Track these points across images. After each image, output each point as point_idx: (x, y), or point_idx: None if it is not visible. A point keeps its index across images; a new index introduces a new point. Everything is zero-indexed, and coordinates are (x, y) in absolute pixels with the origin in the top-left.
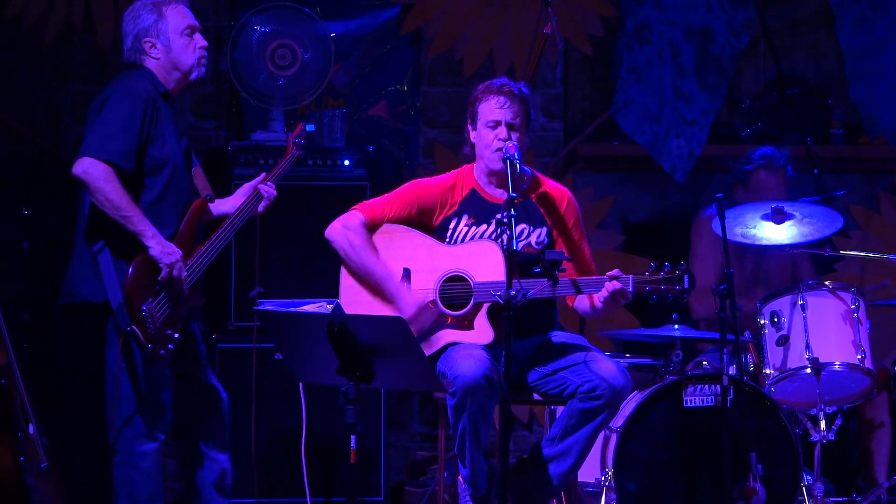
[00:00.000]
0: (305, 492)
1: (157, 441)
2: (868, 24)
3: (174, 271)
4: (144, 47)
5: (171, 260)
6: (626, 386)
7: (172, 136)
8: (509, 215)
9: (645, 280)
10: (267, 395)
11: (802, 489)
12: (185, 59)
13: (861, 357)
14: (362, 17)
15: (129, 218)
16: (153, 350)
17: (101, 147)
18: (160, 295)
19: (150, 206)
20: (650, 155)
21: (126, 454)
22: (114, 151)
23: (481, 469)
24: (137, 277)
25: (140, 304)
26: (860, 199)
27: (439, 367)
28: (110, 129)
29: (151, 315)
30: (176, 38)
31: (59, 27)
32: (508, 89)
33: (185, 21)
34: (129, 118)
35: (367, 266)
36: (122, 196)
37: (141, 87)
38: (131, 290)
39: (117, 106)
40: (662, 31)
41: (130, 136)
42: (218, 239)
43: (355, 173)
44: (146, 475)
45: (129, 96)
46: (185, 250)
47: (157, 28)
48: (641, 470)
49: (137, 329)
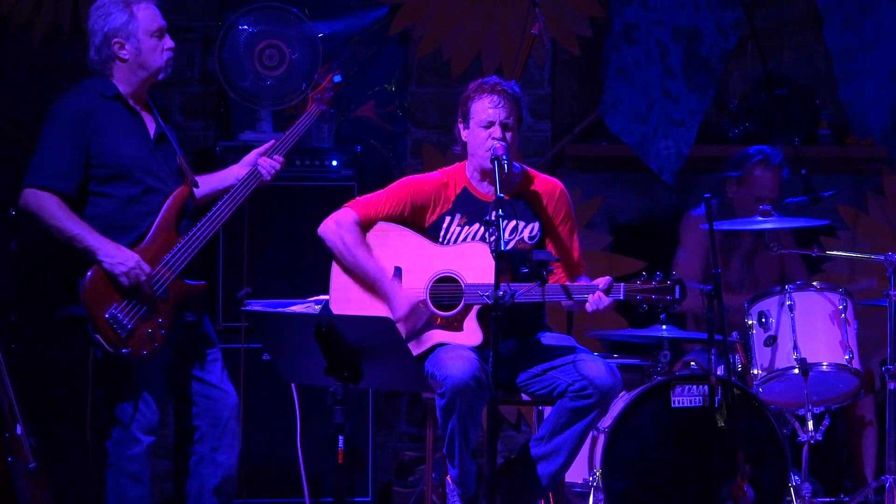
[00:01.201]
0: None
1: (144, 444)
2: (856, 24)
3: (131, 277)
4: (114, 48)
5: (125, 269)
6: (616, 385)
7: (130, 137)
8: (498, 215)
9: (636, 289)
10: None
11: (790, 489)
12: (152, 61)
13: (849, 357)
14: (350, 17)
15: (75, 237)
16: (132, 353)
17: (36, 174)
18: (125, 300)
19: (116, 211)
20: (638, 155)
21: (114, 457)
22: (48, 176)
23: (470, 469)
24: (92, 288)
25: (101, 312)
26: (848, 199)
27: (427, 368)
28: (43, 154)
29: (117, 320)
30: (146, 40)
31: (47, 28)
32: (502, 88)
33: (155, 23)
34: (60, 137)
35: (360, 264)
36: (60, 219)
37: (76, 104)
38: (88, 301)
39: (48, 130)
40: (650, 32)
41: (64, 157)
42: (207, 224)
43: (343, 173)
44: (134, 478)
45: (59, 117)
46: (161, 246)
47: (127, 29)
48: (629, 470)
49: (102, 338)
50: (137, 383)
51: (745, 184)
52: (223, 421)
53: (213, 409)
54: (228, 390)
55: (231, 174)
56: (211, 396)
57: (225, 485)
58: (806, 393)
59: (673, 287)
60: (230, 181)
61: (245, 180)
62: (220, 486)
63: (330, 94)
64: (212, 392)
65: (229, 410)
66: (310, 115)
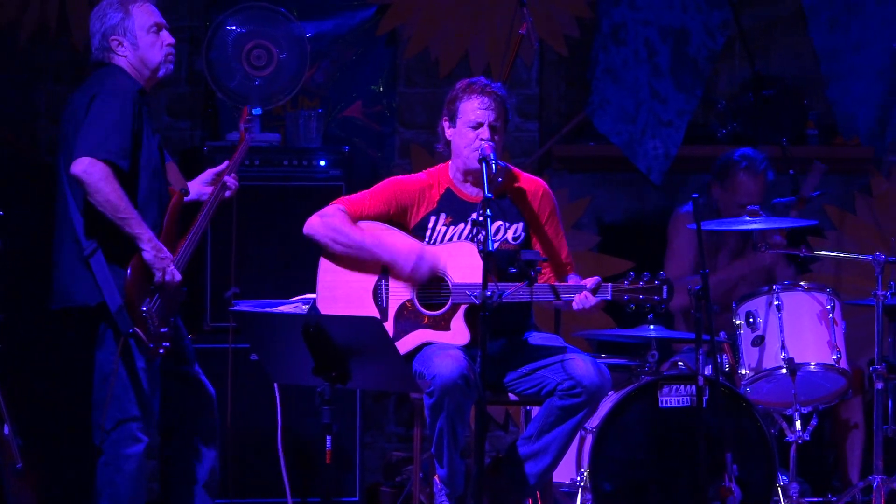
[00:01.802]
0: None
1: (144, 443)
2: (842, 25)
3: (167, 275)
4: (112, 45)
5: (165, 265)
6: (604, 384)
7: (150, 135)
8: (485, 215)
9: (624, 289)
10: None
11: (778, 489)
12: (152, 56)
13: (836, 357)
14: (338, 17)
15: (126, 220)
16: (154, 349)
17: (100, 146)
18: (155, 295)
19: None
20: (626, 156)
21: (112, 456)
22: (112, 151)
23: (458, 469)
24: (136, 279)
25: (140, 305)
26: (835, 199)
27: (415, 368)
28: (106, 127)
29: (151, 315)
30: (143, 36)
31: (34, 27)
32: (491, 90)
33: (152, 18)
34: (122, 116)
35: (355, 240)
36: (121, 197)
37: (128, 85)
38: (131, 292)
39: (108, 104)
40: (638, 32)
41: (125, 135)
42: (197, 231)
43: (331, 173)
44: (129, 477)
45: (118, 94)
46: (171, 247)
47: (123, 26)
48: (617, 470)
49: (140, 330)
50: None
51: (730, 189)
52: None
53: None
54: (206, 383)
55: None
56: (190, 390)
57: (212, 477)
58: (794, 393)
59: (660, 287)
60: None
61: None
62: (207, 479)
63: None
64: (191, 386)
65: (209, 404)
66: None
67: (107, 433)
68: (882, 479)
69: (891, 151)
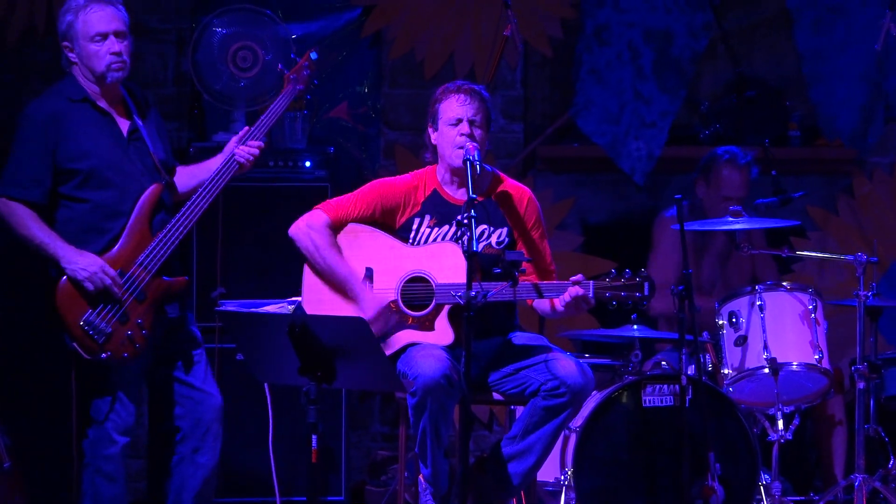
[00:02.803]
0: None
1: (119, 444)
2: (826, 26)
3: (95, 281)
4: (64, 51)
5: (87, 274)
6: (588, 384)
7: (100, 139)
8: (470, 216)
9: (605, 286)
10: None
11: (760, 488)
12: (95, 65)
13: (818, 357)
14: (323, 19)
15: (40, 246)
16: (112, 356)
17: (4, 184)
18: (99, 305)
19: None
20: (610, 157)
21: (90, 457)
22: (17, 185)
23: (442, 468)
24: (65, 297)
25: (76, 320)
26: (818, 200)
27: (399, 367)
28: (11, 162)
29: (93, 326)
30: (86, 45)
31: (22, 28)
32: (468, 87)
33: (96, 27)
34: (26, 147)
35: (331, 266)
36: (28, 227)
37: (42, 110)
38: (62, 309)
39: (16, 138)
40: (622, 34)
41: (32, 165)
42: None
43: (316, 174)
44: (109, 478)
45: (25, 124)
46: (137, 243)
47: (71, 32)
48: (601, 469)
49: (79, 346)
50: (114, 385)
51: (714, 184)
52: (206, 423)
53: (196, 410)
54: (212, 392)
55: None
56: (194, 398)
57: (205, 486)
58: (776, 392)
59: (641, 284)
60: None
61: (220, 170)
62: (199, 487)
63: (307, 72)
64: (195, 394)
65: (212, 412)
66: (286, 95)
67: (85, 436)
68: (864, 477)
69: (873, 153)
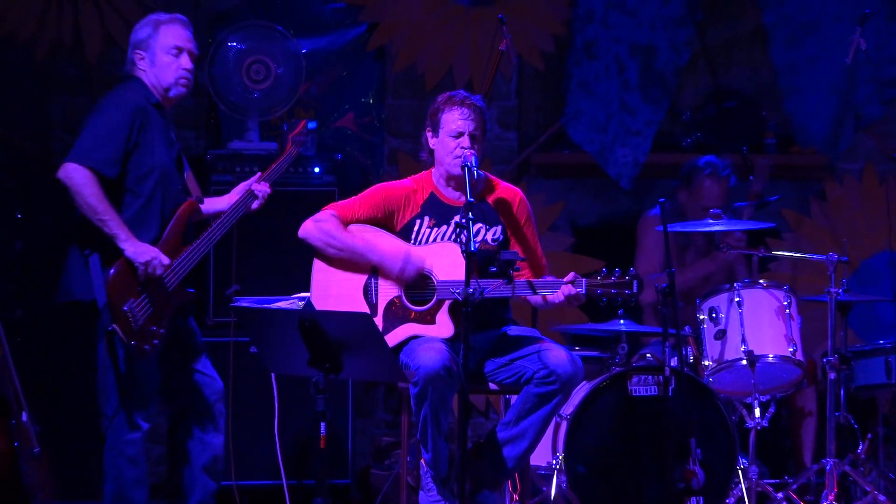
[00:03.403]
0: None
1: (142, 430)
2: (799, 41)
3: (150, 270)
4: (135, 58)
5: (145, 259)
6: (577, 373)
7: (162, 144)
8: (467, 218)
9: (597, 284)
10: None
11: (738, 472)
12: (165, 76)
13: (793, 350)
14: (331, 34)
15: (105, 221)
16: (137, 346)
17: (86, 154)
18: (142, 295)
19: (139, 209)
20: (598, 163)
21: (114, 441)
22: (97, 159)
23: (442, 453)
24: (117, 280)
25: (121, 304)
26: (792, 203)
27: (402, 359)
28: (96, 137)
29: (133, 313)
30: (161, 55)
31: (50, 43)
32: (470, 102)
33: (175, 41)
34: (116, 127)
35: (346, 244)
36: (100, 201)
37: (131, 98)
38: (112, 291)
39: (106, 115)
40: (609, 48)
41: (116, 145)
42: (206, 239)
43: (325, 179)
44: (131, 461)
45: (117, 106)
46: (172, 250)
47: (147, 42)
48: (590, 455)
49: (119, 327)
50: (139, 373)
51: (695, 193)
52: (211, 403)
53: (201, 392)
54: (214, 376)
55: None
56: (199, 382)
57: (213, 463)
58: (753, 383)
59: (631, 282)
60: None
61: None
62: (208, 464)
63: (303, 138)
64: (200, 378)
65: (216, 395)
66: (289, 156)
67: (109, 420)
68: (834, 462)
69: (843, 159)
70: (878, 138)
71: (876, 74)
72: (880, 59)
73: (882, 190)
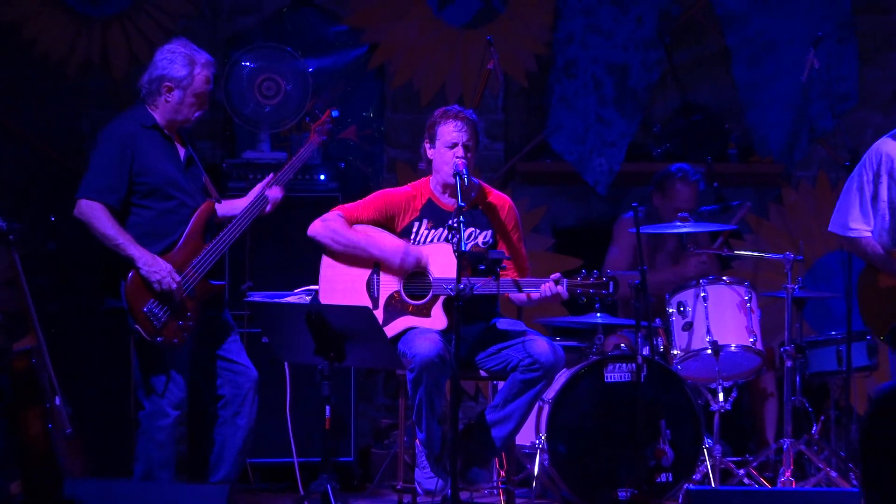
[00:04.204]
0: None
1: (171, 418)
2: (759, 61)
3: (164, 285)
4: (163, 88)
5: (158, 277)
6: (558, 361)
7: (164, 159)
8: (459, 221)
9: (577, 284)
10: None
11: (704, 450)
12: (185, 113)
13: (753, 340)
14: (335, 55)
15: (119, 246)
16: (165, 341)
17: (88, 188)
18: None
19: (153, 220)
20: (577, 171)
21: (146, 427)
22: (98, 190)
23: (436, 433)
24: (132, 288)
25: (140, 307)
26: (753, 208)
27: (400, 348)
28: (96, 172)
29: (153, 313)
30: (189, 98)
31: (80, 62)
32: (464, 116)
33: (205, 87)
34: (109, 159)
35: (351, 240)
36: (109, 228)
37: (121, 130)
38: (130, 296)
39: (100, 151)
40: (587, 67)
41: (111, 174)
42: (223, 238)
43: (329, 186)
44: (160, 445)
45: (107, 141)
46: (192, 249)
47: (182, 82)
48: (569, 435)
49: (141, 328)
50: (168, 365)
51: (668, 196)
52: (244, 391)
53: (236, 381)
54: (249, 366)
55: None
56: (234, 370)
57: (244, 445)
58: (717, 370)
59: (608, 283)
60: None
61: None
62: (239, 445)
63: (329, 126)
64: (235, 367)
65: (250, 382)
66: (312, 144)
67: (143, 408)
68: (791, 441)
69: (799, 168)
70: (830, 148)
71: (828, 91)
72: (831, 77)
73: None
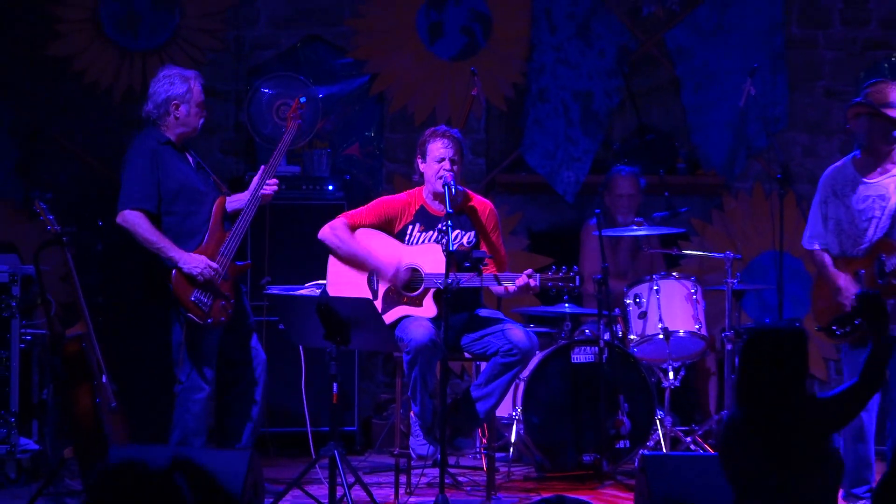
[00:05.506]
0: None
1: (205, 391)
2: (704, 89)
3: (205, 276)
4: (170, 108)
5: (199, 270)
6: (533, 347)
7: (181, 168)
8: (447, 225)
9: (548, 278)
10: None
11: (656, 421)
12: (193, 122)
13: (698, 327)
14: (341, 83)
15: (161, 249)
16: (214, 321)
17: (129, 199)
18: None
19: (180, 223)
20: (548, 182)
21: (182, 400)
22: (137, 199)
23: (428, 407)
24: (178, 283)
25: (188, 296)
26: (698, 214)
27: (397, 334)
28: (132, 183)
29: (201, 301)
30: (193, 107)
31: (123, 90)
32: (451, 134)
33: (202, 96)
34: (142, 170)
35: (353, 250)
36: (151, 233)
37: (146, 145)
38: (176, 290)
39: (131, 164)
40: (557, 94)
41: (145, 183)
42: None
43: (336, 195)
44: (195, 416)
45: (137, 154)
46: (217, 241)
47: (185, 97)
48: (542, 408)
49: (193, 315)
50: (203, 345)
51: (611, 189)
52: (259, 371)
53: (252, 361)
54: (259, 349)
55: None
56: (250, 352)
57: (259, 416)
58: (668, 352)
59: (574, 277)
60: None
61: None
62: (256, 417)
63: (301, 111)
64: (251, 349)
65: (262, 364)
66: (292, 129)
67: (180, 383)
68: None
69: (738, 180)
70: (765, 163)
71: (762, 114)
72: (765, 102)
73: (768, 203)
